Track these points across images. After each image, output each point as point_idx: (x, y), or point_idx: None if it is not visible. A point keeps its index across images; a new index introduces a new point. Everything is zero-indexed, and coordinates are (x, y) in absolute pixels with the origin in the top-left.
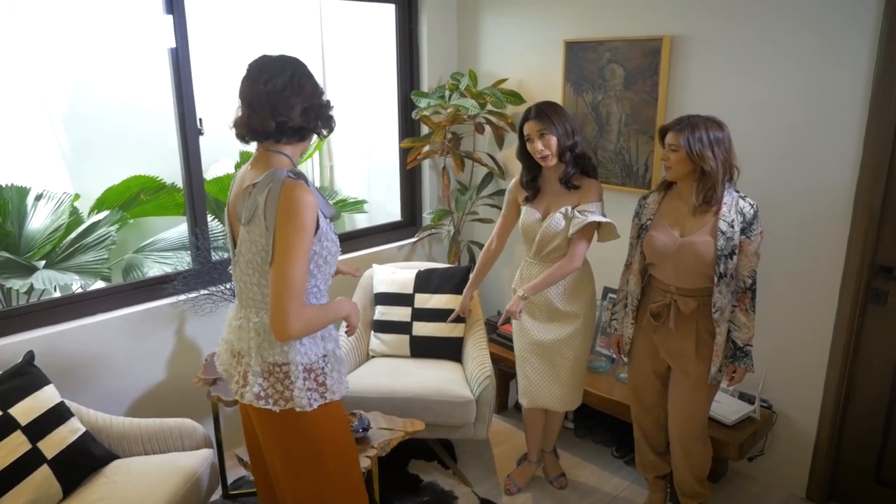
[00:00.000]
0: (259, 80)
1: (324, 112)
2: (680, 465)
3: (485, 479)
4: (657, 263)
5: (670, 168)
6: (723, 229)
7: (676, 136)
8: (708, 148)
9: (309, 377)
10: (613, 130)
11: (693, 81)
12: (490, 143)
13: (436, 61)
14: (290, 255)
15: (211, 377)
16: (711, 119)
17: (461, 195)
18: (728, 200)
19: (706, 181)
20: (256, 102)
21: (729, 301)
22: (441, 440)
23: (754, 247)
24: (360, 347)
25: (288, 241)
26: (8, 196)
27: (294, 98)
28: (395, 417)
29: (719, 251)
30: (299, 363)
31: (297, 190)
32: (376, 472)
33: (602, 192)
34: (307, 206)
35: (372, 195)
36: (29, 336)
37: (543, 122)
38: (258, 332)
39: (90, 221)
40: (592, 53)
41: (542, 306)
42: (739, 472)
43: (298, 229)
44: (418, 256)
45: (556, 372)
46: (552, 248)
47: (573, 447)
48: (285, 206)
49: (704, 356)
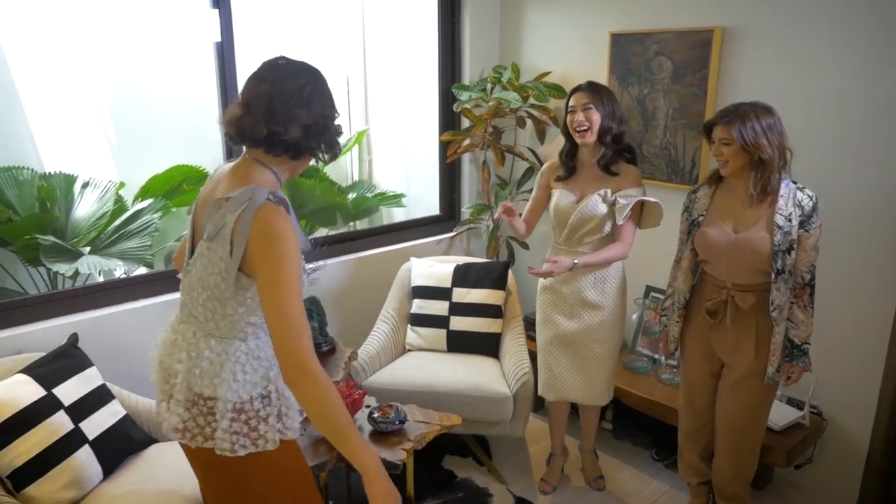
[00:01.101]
0: (266, 79)
1: (329, 135)
2: (724, 467)
3: (520, 478)
4: (710, 260)
5: (726, 163)
6: (779, 223)
7: (727, 129)
8: (762, 136)
9: (238, 418)
10: (660, 125)
11: (745, 75)
12: (531, 137)
13: (478, 54)
14: (282, 290)
15: None
16: (758, 104)
17: (501, 190)
18: (785, 192)
19: (763, 170)
20: (255, 102)
21: (787, 298)
22: (476, 436)
23: (813, 240)
24: (396, 340)
25: (275, 273)
26: (56, 183)
27: (298, 110)
28: (431, 411)
29: (776, 247)
30: (228, 400)
31: (278, 218)
32: (411, 466)
33: (641, 180)
34: (288, 236)
35: (410, 189)
36: (73, 319)
37: (592, 96)
38: (190, 354)
39: (134, 209)
40: (639, 46)
41: (570, 296)
42: (785, 480)
43: (284, 260)
44: (456, 251)
45: (581, 364)
46: (585, 231)
47: (611, 448)
48: (264, 235)
49: (764, 354)
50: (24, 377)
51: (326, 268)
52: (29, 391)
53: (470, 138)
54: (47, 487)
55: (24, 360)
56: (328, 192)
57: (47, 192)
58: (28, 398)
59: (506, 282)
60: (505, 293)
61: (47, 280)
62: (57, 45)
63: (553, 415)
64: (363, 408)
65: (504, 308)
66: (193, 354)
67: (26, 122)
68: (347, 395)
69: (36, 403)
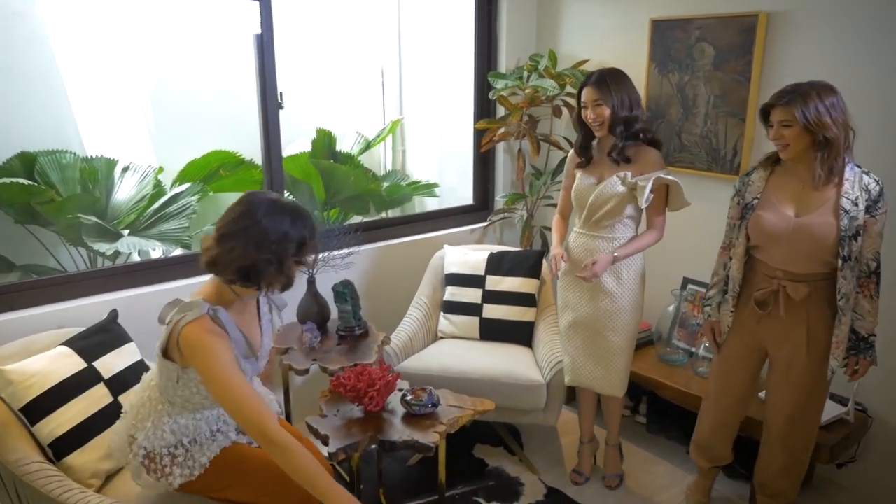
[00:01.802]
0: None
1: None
2: (774, 463)
3: (552, 468)
4: (764, 246)
5: (787, 146)
6: (846, 208)
7: (788, 111)
8: (826, 114)
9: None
10: (700, 113)
11: (791, 61)
12: (567, 126)
13: (514, 42)
14: (221, 384)
15: (283, 346)
16: (818, 83)
17: (536, 179)
18: (850, 176)
19: (830, 150)
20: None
21: (854, 287)
22: (508, 427)
23: (879, 227)
24: (428, 328)
25: (210, 373)
26: (98, 166)
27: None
28: (464, 396)
29: (843, 232)
30: (141, 445)
31: (199, 332)
32: (443, 452)
33: (663, 163)
34: (208, 343)
35: (443, 179)
36: (113, 297)
37: (600, 91)
38: (135, 410)
39: (173, 192)
40: (681, 32)
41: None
42: (827, 479)
43: (211, 360)
44: (489, 241)
45: (596, 353)
46: (604, 212)
47: (645, 442)
48: (187, 347)
49: (815, 349)
50: (67, 349)
51: (360, 253)
52: (71, 363)
53: (505, 126)
54: (86, 457)
55: (66, 334)
56: (362, 180)
57: (90, 174)
58: (70, 369)
59: (540, 270)
60: (539, 282)
61: (86, 260)
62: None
63: (580, 401)
64: (396, 391)
65: (538, 297)
66: (144, 397)
67: (70, 108)
68: (380, 378)
69: (77, 375)
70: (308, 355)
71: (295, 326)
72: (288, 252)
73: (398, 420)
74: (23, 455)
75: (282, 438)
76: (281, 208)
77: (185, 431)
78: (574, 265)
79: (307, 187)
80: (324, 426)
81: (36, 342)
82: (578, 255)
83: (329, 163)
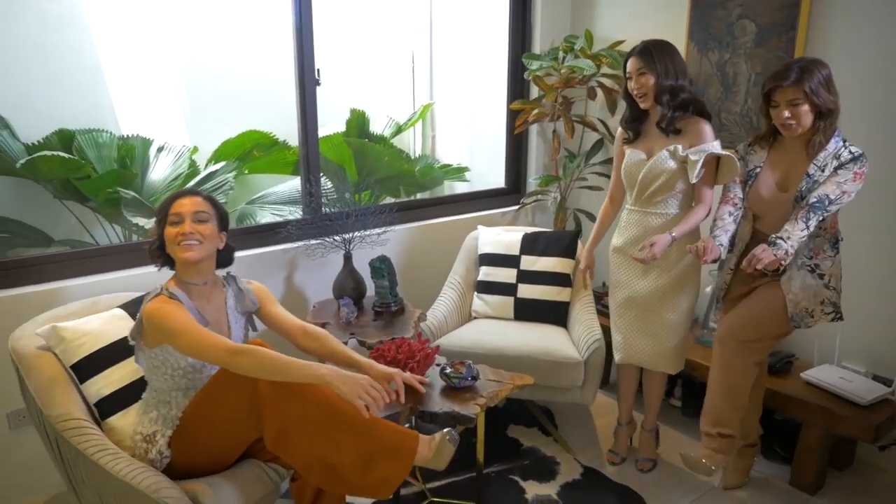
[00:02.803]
0: None
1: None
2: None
3: (587, 449)
4: (760, 216)
5: (797, 125)
6: (810, 172)
7: (796, 90)
8: (825, 88)
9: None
10: (741, 91)
11: (836, 38)
12: (601, 109)
13: (549, 23)
14: (181, 335)
15: (320, 321)
16: (812, 59)
17: (569, 162)
18: (831, 147)
19: (831, 118)
20: None
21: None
22: (542, 408)
23: (840, 179)
24: (462, 308)
25: (169, 333)
26: (134, 143)
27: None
28: (502, 371)
29: (798, 193)
30: (138, 432)
31: (154, 303)
32: (482, 427)
33: (714, 135)
34: (164, 309)
35: (474, 164)
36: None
37: (644, 60)
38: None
39: (208, 170)
40: (721, 10)
41: (653, 222)
42: (868, 462)
43: (166, 322)
44: (521, 224)
45: (649, 328)
46: (655, 188)
47: (680, 425)
48: (146, 316)
49: None
50: (122, 312)
51: (394, 233)
52: (123, 325)
53: (540, 108)
54: (128, 420)
55: (122, 298)
56: (396, 160)
57: (127, 151)
58: (122, 332)
59: (575, 251)
60: (574, 262)
61: (120, 236)
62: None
63: (622, 381)
64: (434, 365)
65: (573, 277)
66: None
67: (107, 89)
68: (420, 350)
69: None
70: (345, 329)
71: (330, 303)
72: (159, 223)
73: (437, 393)
74: (64, 411)
75: (243, 346)
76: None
77: (172, 404)
78: (628, 244)
79: (340, 170)
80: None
81: (99, 303)
82: (633, 233)
83: (363, 141)
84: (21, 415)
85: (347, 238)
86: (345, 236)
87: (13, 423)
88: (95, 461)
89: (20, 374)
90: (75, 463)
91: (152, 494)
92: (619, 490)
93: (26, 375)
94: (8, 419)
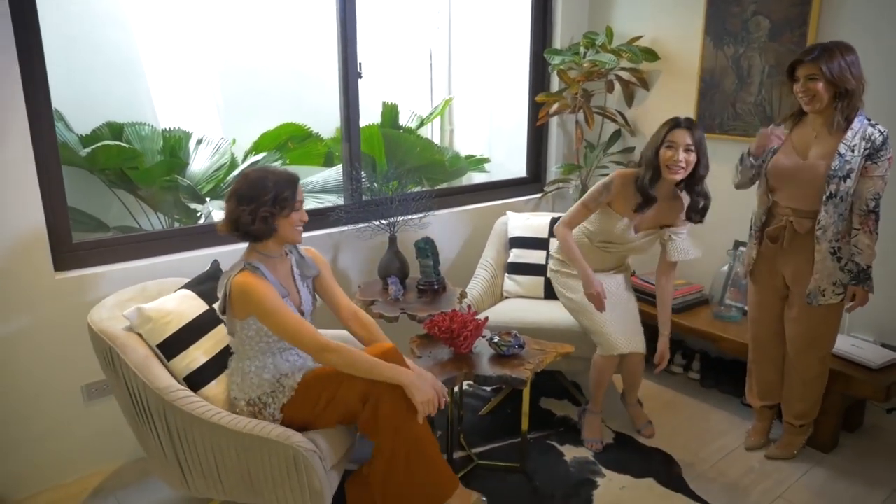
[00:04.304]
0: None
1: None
2: (792, 391)
3: (616, 417)
4: (778, 187)
5: (813, 98)
6: (841, 151)
7: (815, 66)
8: (847, 70)
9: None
10: (755, 82)
11: (845, 34)
12: (619, 101)
13: (569, 20)
14: (273, 315)
15: (369, 299)
16: (840, 43)
17: (589, 153)
18: (857, 126)
19: (850, 99)
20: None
21: (835, 222)
22: (571, 381)
23: (881, 171)
24: (495, 288)
25: (260, 311)
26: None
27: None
28: (544, 341)
29: (832, 171)
30: (240, 399)
31: (247, 278)
32: (528, 395)
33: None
34: (257, 286)
35: (493, 155)
36: (209, 252)
37: (695, 138)
38: (229, 374)
39: (252, 160)
40: (736, 7)
41: (610, 260)
42: (877, 425)
43: (262, 300)
44: (542, 211)
45: (628, 317)
46: (623, 251)
47: (700, 396)
48: (239, 291)
49: None
50: (190, 292)
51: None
52: (195, 305)
53: (562, 100)
54: (218, 389)
55: (181, 281)
56: (427, 151)
57: (175, 142)
58: (196, 310)
59: None
60: None
61: (164, 224)
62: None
63: (605, 373)
64: (482, 336)
65: None
66: (230, 374)
67: (146, 83)
68: (471, 320)
69: (202, 315)
70: (393, 306)
71: (374, 283)
72: (264, 204)
73: (485, 361)
74: (170, 383)
75: (334, 344)
76: (266, 171)
77: (269, 369)
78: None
79: (369, 159)
80: (420, 366)
81: (148, 289)
82: (591, 265)
83: (397, 132)
84: (94, 388)
85: (392, 222)
86: (390, 220)
87: (88, 395)
88: (216, 422)
89: (111, 352)
90: (188, 429)
91: (284, 441)
92: (651, 451)
93: (123, 353)
94: (82, 391)
